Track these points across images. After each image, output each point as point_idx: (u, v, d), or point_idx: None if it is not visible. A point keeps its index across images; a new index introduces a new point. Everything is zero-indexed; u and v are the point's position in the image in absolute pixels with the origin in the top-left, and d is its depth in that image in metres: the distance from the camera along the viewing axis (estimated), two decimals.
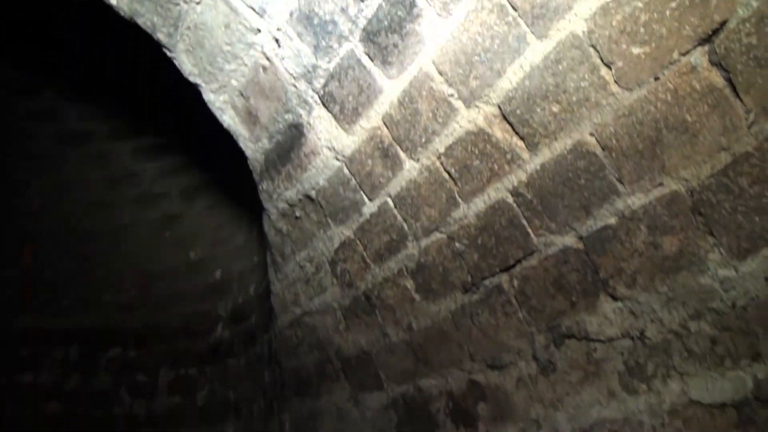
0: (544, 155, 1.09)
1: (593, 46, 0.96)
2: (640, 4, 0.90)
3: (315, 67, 1.50)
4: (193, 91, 1.84)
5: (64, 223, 4.18)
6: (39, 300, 4.02)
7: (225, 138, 2.07)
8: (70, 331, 3.95)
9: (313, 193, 1.72)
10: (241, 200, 3.75)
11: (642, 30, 0.90)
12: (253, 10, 1.51)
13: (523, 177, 1.14)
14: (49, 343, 3.91)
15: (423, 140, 1.32)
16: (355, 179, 1.54)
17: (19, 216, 4.14)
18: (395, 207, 1.45)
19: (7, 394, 3.78)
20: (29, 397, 3.80)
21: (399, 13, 1.24)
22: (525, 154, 1.13)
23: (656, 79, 0.90)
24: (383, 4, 1.27)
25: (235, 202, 3.83)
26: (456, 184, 1.28)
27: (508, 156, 1.15)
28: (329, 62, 1.46)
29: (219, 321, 3.62)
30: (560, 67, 1.02)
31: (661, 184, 0.91)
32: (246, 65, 1.63)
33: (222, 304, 3.63)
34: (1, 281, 4.02)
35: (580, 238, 1.06)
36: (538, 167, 1.10)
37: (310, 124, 1.60)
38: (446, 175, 1.29)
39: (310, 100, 1.56)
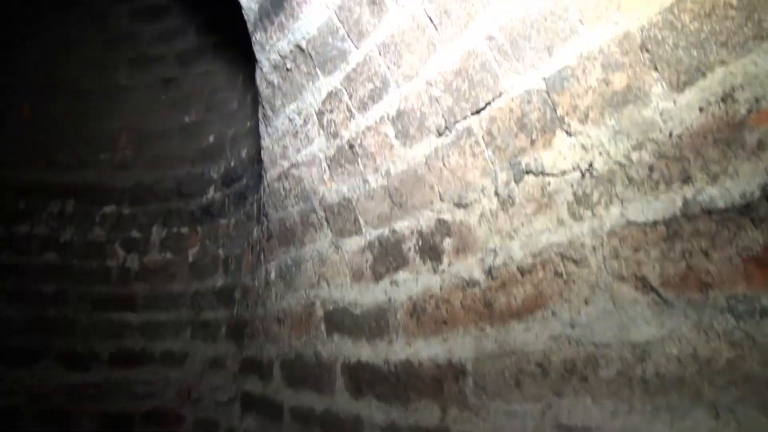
0: None
1: None
2: None
3: None
4: None
5: (62, 81, 4.22)
6: (37, 155, 4.11)
7: None
8: (66, 187, 4.07)
9: (303, 44, 1.79)
10: (236, 67, 3.79)
11: None
12: None
13: (498, 20, 1.22)
14: (45, 197, 4.03)
15: None
16: (344, 27, 1.61)
17: (18, 73, 4.17)
18: (380, 54, 1.54)
19: (4, 242, 3.93)
20: (26, 247, 3.96)
21: None
22: None
23: None
24: None
25: (230, 70, 3.87)
26: (436, 29, 1.36)
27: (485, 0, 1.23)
28: None
29: (211, 183, 3.74)
30: None
31: (616, 23, 1.00)
32: None
33: (215, 168, 3.74)
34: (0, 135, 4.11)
35: (543, 78, 1.16)
36: (511, 10, 1.18)
37: None
38: (428, 21, 1.37)
39: None
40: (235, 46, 3.83)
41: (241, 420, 2.92)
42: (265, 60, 2.01)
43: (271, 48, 1.94)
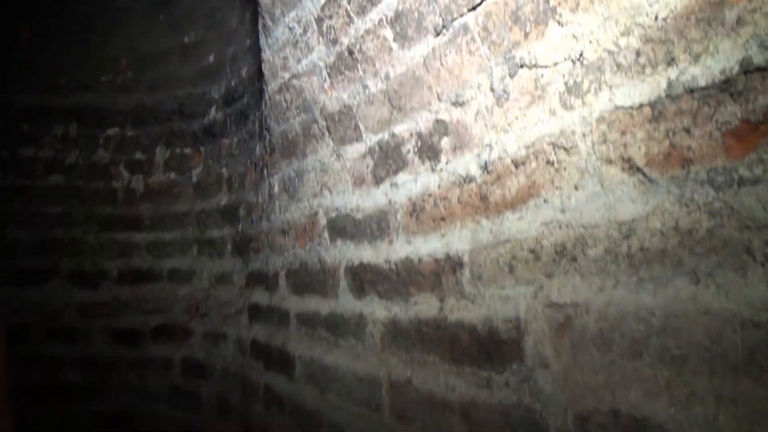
0: None
1: None
2: None
3: None
4: None
5: (62, 5, 4.20)
6: (39, 79, 4.12)
7: None
8: (69, 110, 4.10)
9: None
10: None
11: None
12: None
13: None
14: (49, 120, 4.07)
15: None
16: None
17: None
18: None
19: (9, 166, 3.98)
20: (31, 169, 4.02)
21: None
22: None
23: None
24: None
25: None
26: None
27: None
28: None
29: (212, 104, 3.76)
30: None
31: None
32: None
33: (215, 87, 3.76)
34: (2, 59, 4.11)
35: None
36: None
37: None
38: None
39: None
40: None
41: (249, 330, 3.03)
42: None
43: None
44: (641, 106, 1.03)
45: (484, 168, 1.41)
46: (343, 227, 2.04)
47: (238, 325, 3.17)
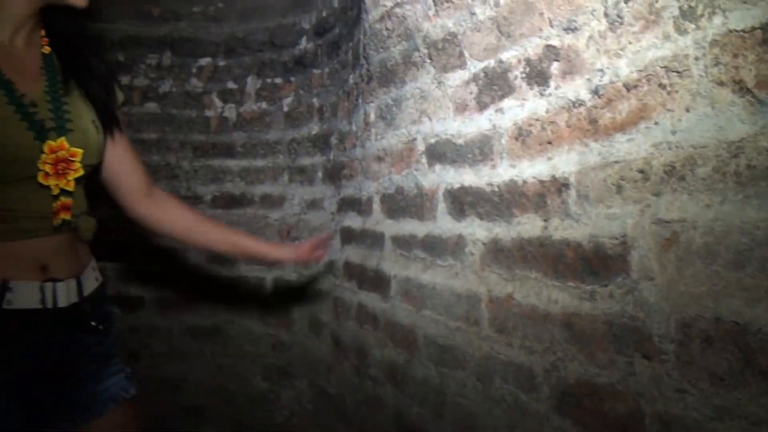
0: None
1: None
2: None
3: None
4: None
5: None
6: (133, 8, 4.27)
7: None
8: (162, 39, 4.25)
9: None
10: None
11: None
12: None
13: None
14: (142, 49, 4.23)
15: None
16: None
17: None
18: None
19: None
20: (128, 97, 4.21)
21: None
22: None
23: None
24: None
25: None
26: None
27: None
28: None
29: (303, 34, 3.85)
30: None
31: None
32: None
33: (306, 18, 3.84)
34: None
35: None
36: None
37: None
38: None
39: None
40: None
41: (341, 252, 3.18)
42: None
43: None
44: (753, 29, 1.08)
45: (595, 92, 1.47)
46: (443, 152, 2.13)
47: (330, 249, 3.32)
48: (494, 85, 1.82)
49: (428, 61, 2.15)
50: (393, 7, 2.27)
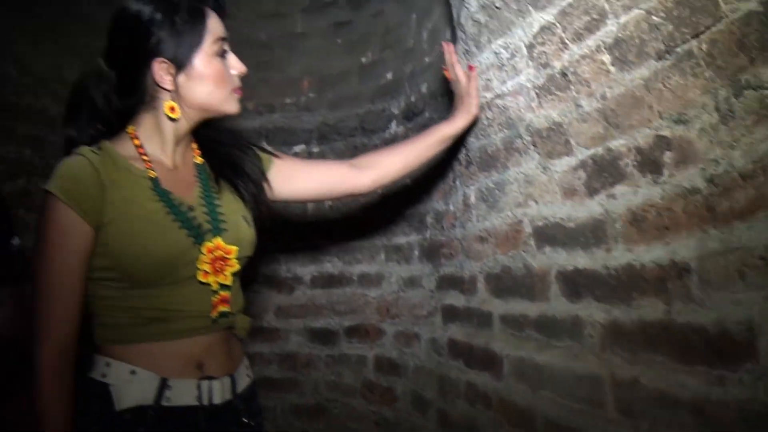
0: None
1: None
2: None
3: None
4: None
5: (240, 34, 4.59)
6: None
7: None
8: (258, 130, 4.49)
9: None
10: (408, 6, 3.98)
11: None
12: None
13: None
14: None
15: None
16: None
17: None
18: None
19: None
20: None
21: None
22: None
23: None
24: None
25: (401, 9, 4.06)
26: None
27: None
28: None
29: (392, 119, 4.02)
30: None
31: None
32: None
33: (395, 103, 4.01)
34: None
35: (761, 2, 1.30)
36: None
37: None
38: None
39: None
40: None
41: (443, 330, 3.24)
42: (474, 1, 2.21)
43: None
44: None
45: (711, 181, 1.52)
46: (552, 235, 2.19)
47: (432, 326, 3.39)
48: (604, 172, 1.90)
49: (532, 147, 2.25)
50: (493, 98, 2.38)
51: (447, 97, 3.13)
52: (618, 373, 1.86)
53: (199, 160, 2.10)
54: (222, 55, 2.03)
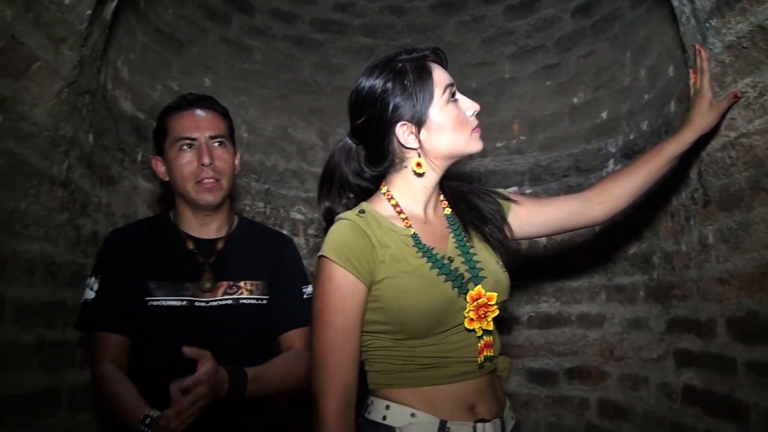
0: None
1: None
2: None
3: None
4: None
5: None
6: None
7: None
8: (469, 174, 4.62)
9: (767, 24, 1.94)
10: (620, 44, 3.96)
11: None
12: None
13: None
14: None
15: None
16: None
17: None
18: None
19: None
20: None
21: None
22: None
23: None
24: None
25: (613, 48, 4.05)
26: None
27: None
28: None
29: (610, 157, 4.00)
30: None
31: None
32: None
33: (611, 142, 3.99)
34: None
35: None
36: None
37: None
38: None
39: None
40: (614, 23, 4.02)
41: (677, 374, 3.14)
42: (719, 42, 2.20)
43: (728, 32, 2.13)
44: None
45: None
46: None
47: (662, 371, 3.30)
48: None
49: None
50: (737, 137, 2.33)
51: (667, 135, 3.08)
52: None
53: (448, 211, 2.23)
54: (453, 100, 2.12)
